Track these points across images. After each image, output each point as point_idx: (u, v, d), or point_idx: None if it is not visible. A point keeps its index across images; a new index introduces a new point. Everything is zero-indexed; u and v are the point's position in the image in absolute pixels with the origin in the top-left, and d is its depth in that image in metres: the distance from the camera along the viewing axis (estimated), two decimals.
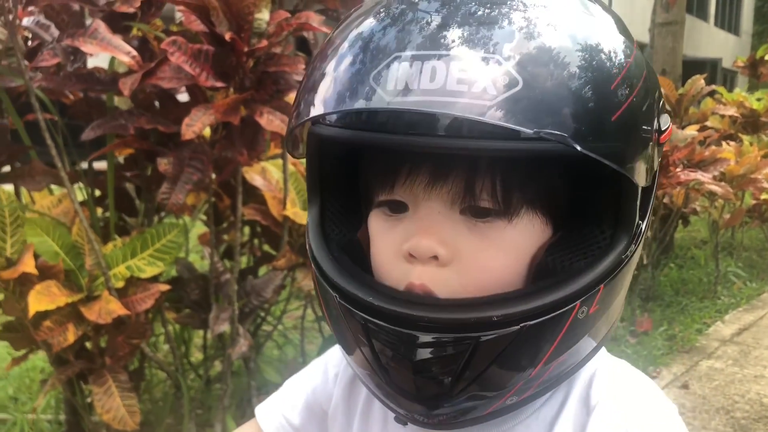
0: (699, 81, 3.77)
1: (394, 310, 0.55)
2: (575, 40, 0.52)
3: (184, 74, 1.51)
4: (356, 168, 0.65)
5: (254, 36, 1.54)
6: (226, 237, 2.34)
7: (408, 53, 0.50)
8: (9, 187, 2.08)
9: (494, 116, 0.47)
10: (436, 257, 0.56)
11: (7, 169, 2.13)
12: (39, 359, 2.97)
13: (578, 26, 0.53)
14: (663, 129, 0.58)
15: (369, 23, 0.55)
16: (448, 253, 0.56)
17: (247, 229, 2.47)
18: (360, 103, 0.51)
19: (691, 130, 3.68)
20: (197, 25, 1.52)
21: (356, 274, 0.60)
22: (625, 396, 0.63)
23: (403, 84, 0.49)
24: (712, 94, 5.90)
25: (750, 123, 5.40)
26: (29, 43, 2.13)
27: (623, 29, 0.58)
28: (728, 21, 26.60)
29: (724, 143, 4.23)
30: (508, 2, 0.53)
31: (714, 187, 3.41)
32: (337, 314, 0.59)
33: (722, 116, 5.38)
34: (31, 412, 2.50)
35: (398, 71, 0.49)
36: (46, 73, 1.96)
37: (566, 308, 0.54)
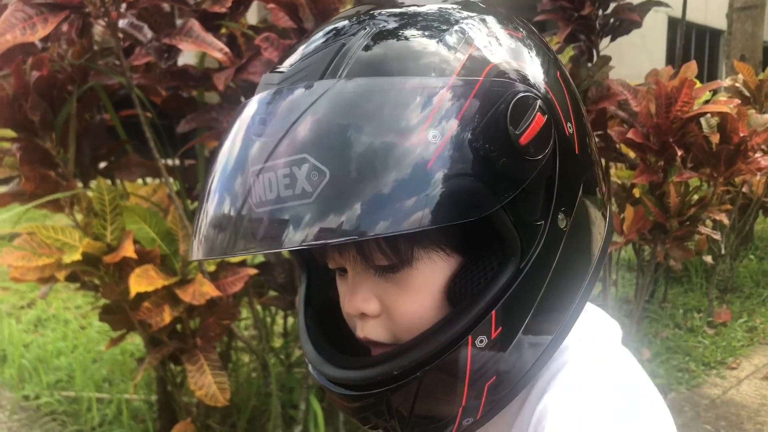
0: None
1: (319, 370, 0.62)
2: (366, 113, 0.51)
3: None
4: None
5: None
6: None
7: (252, 168, 0.52)
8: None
9: (315, 215, 0.49)
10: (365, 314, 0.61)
11: (104, 163, 2.28)
12: (129, 344, 3.14)
13: (369, 96, 0.52)
14: (523, 129, 0.54)
15: (223, 145, 0.57)
16: (374, 307, 0.61)
17: None
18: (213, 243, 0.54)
19: None
20: (285, 22, 1.60)
21: (317, 341, 0.66)
22: (570, 402, 0.59)
23: (258, 198, 0.51)
24: None
25: None
26: (122, 44, 2.27)
27: (449, 43, 0.56)
28: None
29: None
30: (299, 99, 0.53)
31: None
32: None
33: None
34: (125, 392, 2.66)
35: (251, 186, 0.52)
36: (138, 71, 2.09)
37: (458, 345, 0.56)
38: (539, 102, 0.55)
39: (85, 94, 2.13)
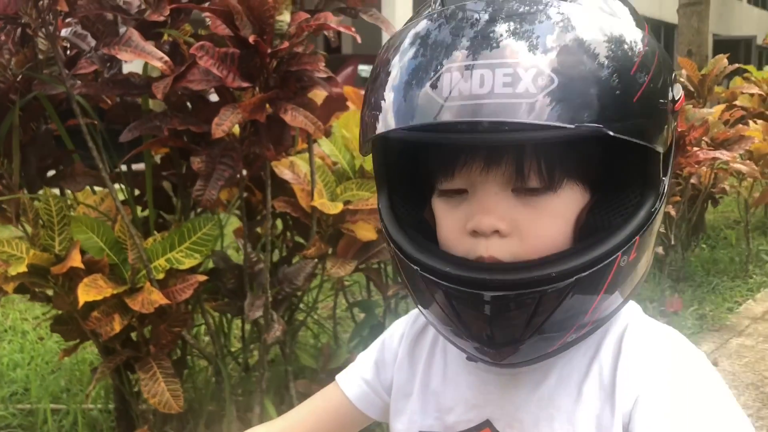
0: (722, 60, 3.76)
1: (469, 276, 0.65)
2: (599, 36, 0.61)
3: (212, 76, 1.61)
4: (416, 158, 0.75)
5: (276, 37, 1.64)
6: (259, 230, 2.45)
7: (457, 64, 0.59)
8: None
9: (538, 113, 0.57)
10: (497, 231, 0.66)
11: (51, 172, 2.26)
12: (88, 353, 3.12)
13: (600, 23, 0.62)
14: (676, 98, 0.68)
15: (419, 39, 0.64)
16: (507, 226, 0.66)
17: (280, 223, 2.57)
18: (422, 113, 0.61)
19: (716, 109, 3.69)
20: (222, 30, 1.62)
21: (430, 249, 0.70)
22: (651, 341, 0.73)
23: (458, 92, 0.58)
24: (741, 72, 5.84)
25: None
26: (68, 52, 2.26)
27: (637, 18, 0.68)
28: None
29: (751, 122, 4.21)
30: (538, 10, 0.62)
31: (739, 166, 3.42)
32: (418, 282, 0.69)
33: (751, 95, 5.32)
34: (83, 402, 2.64)
35: (451, 81, 0.59)
36: (85, 80, 2.08)
37: (611, 259, 0.64)
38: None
39: (30, 104, 2.12)
